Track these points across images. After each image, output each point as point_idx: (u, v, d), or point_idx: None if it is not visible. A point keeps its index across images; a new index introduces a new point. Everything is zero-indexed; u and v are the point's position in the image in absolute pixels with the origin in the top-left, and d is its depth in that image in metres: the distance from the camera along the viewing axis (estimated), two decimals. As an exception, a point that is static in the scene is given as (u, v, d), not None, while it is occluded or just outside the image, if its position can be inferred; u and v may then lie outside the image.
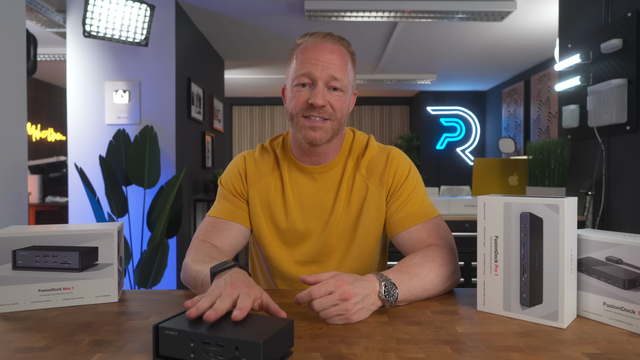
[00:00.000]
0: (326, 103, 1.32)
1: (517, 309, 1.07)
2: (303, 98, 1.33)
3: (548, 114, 7.00)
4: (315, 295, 1.00)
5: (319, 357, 0.85)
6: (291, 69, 1.38)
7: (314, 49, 1.34)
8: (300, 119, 1.34)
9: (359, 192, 1.44)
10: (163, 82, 4.59)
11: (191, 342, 0.78)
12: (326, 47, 1.35)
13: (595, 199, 3.31)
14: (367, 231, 1.44)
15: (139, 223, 4.37)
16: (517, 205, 1.06)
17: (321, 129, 1.34)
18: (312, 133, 1.34)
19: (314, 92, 1.32)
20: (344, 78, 1.35)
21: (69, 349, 0.88)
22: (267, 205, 1.46)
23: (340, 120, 1.38)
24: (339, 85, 1.34)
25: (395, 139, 10.98)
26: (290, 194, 1.45)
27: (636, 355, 0.85)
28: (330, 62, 1.33)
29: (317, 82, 1.32)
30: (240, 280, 0.98)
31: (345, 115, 1.39)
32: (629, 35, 2.95)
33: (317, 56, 1.33)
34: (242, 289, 0.94)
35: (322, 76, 1.32)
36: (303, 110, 1.33)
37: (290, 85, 1.38)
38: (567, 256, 1.01)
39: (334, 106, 1.34)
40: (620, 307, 1.00)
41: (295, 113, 1.35)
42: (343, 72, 1.35)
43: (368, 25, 5.51)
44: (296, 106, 1.34)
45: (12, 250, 1.09)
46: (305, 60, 1.34)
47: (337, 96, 1.35)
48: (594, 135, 3.27)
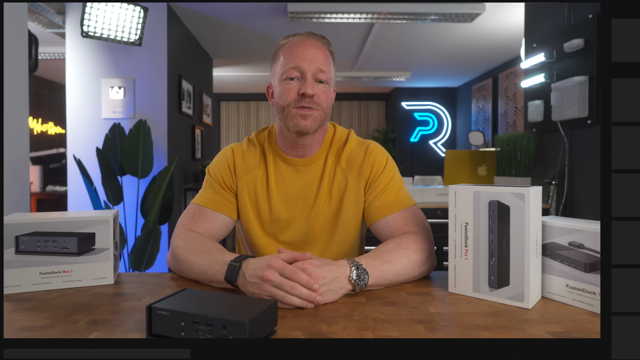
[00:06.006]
0: (315, 93, 1.33)
1: (485, 291, 1.07)
2: (294, 90, 1.34)
3: (514, 109, 7.04)
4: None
5: (301, 335, 0.86)
6: (278, 66, 1.39)
7: (300, 46, 1.36)
8: (291, 110, 1.34)
9: (339, 185, 1.44)
10: (156, 79, 4.61)
11: (182, 321, 0.78)
12: (311, 43, 1.37)
13: (558, 188, 3.34)
14: (347, 221, 1.44)
15: (133, 210, 4.37)
16: (486, 194, 1.07)
17: (311, 117, 1.34)
18: (302, 121, 1.34)
19: (304, 83, 1.33)
20: (329, 71, 1.38)
21: (68, 328, 0.88)
22: (254, 197, 1.45)
23: (326, 111, 1.39)
24: (324, 77, 1.35)
25: (372, 133, 11.00)
26: (275, 186, 1.45)
27: (596, 333, 0.86)
28: (316, 56, 1.35)
29: (306, 74, 1.33)
30: (259, 268, 1.03)
31: (329, 107, 1.40)
32: (589, 35, 2.97)
33: (304, 51, 1.35)
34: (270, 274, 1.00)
35: (310, 69, 1.33)
36: (294, 101, 1.34)
37: (278, 80, 1.38)
38: (532, 241, 1.02)
39: (321, 97, 1.35)
40: (582, 289, 1.01)
41: (287, 104, 1.35)
42: (327, 66, 1.37)
43: (347, 26, 5.51)
44: (287, 98, 1.34)
45: (15, 236, 1.09)
46: (293, 55, 1.35)
47: (323, 88, 1.36)
48: (557, 129, 3.30)
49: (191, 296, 0.87)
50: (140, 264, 3.80)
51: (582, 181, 3.09)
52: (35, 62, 3.25)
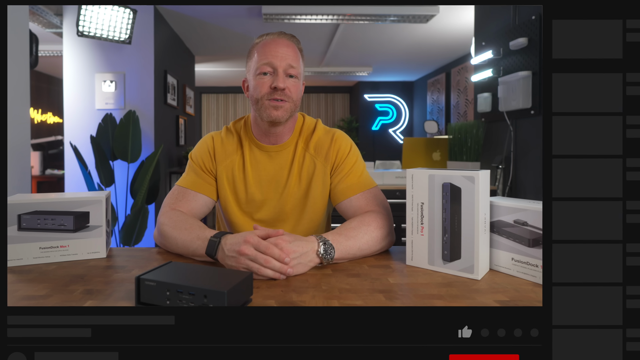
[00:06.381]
0: (286, 86, 1.34)
1: (439, 264, 1.08)
2: (267, 84, 1.34)
3: (465, 101, 7.12)
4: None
5: (274, 303, 0.87)
6: (253, 62, 1.38)
7: (273, 44, 1.36)
8: (265, 101, 1.34)
9: (308, 169, 1.45)
10: (143, 74, 4.65)
11: (167, 291, 0.80)
12: (283, 42, 1.37)
13: (504, 172, 3.39)
14: (315, 201, 1.45)
15: (123, 191, 4.43)
16: (440, 176, 1.07)
17: (282, 108, 1.34)
18: (275, 112, 1.34)
19: (276, 78, 1.33)
20: (298, 67, 1.38)
21: (65, 297, 0.89)
22: (232, 179, 1.46)
23: (296, 103, 1.39)
24: (294, 72, 1.36)
25: (338, 122, 10.99)
26: (250, 170, 1.45)
27: (538, 302, 0.87)
28: (286, 54, 1.35)
29: (278, 69, 1.33)
30: (236, 243, 1.04)
31: (299, 99, 1.41)
32: (533, 34, 3.00)
33: (276, 49, 1.35)
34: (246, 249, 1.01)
35: (282, 65, 1.34)
36: (267, 94, 1.34)
37: (253, 75, 1.38)
38: (481, 219, 1.02)
39: (291, 90, 1.35)
40: (526, 262, 1.02)
41: (261, 97, 1.35)
42: (297, 62, 1.38)
43: (315, 26, 5.52)
44: (261, 91, 1.34)
45: (17, 215, 1.12)
46: (266, 52, 1.35)
47: (293, 82, 1.36)
48: (503, 119, 3.34)
49: (175, 269, 0.89)
50: (129, 240, 3.85)
51: (526, 165, 3.15)
52: (36, 58, 3.26)
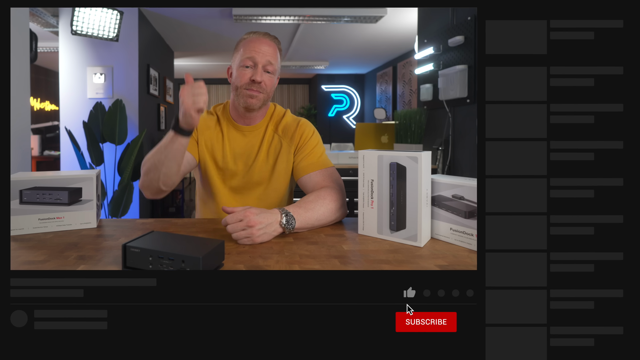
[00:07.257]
0: (262, 80, 1.36)
1: (387, 233, 1.08)
2: (247, 76, 1.37)
3: (410, 91, 7.17)
4: (229, 221, 1.04)
5: (243, 267, 0.88)
6: (238, 55, 1.41)
7: (257, 42, 1.39)
8: (243, 90, 1.38)
9: (275, 147, 1.47)
10: (129, 67, 4.69)
11: (149, 257, 0.83)
12: (265, 41, 1.40)
13: (444, 153, 3.44)
14: (279, 175, 1.47)
15: (111, 170, 4.46)
16: (387, 157, 1.06)
17: (257, 98, 1.38)
18: (250, 100, 1.38)
19: (255, 71, 1.36)
20: (276, 64, 1.41)
21: (61, 262, 0.90)
22: (211, 149, 1.47)
23: (269, 94, 1.42)
24: (271, 69, 1.40)
25: (298, 109, 10.91)
26: (227, 143, 1.47)
27: (474, 266, 0.88)
28: (267, 52, 1.38)
29: (258, 65, 1.37)
30: None
31: (272, 91, 1.44)
32: (469, 33, 3.02)
33: (259, 46, 1.38)
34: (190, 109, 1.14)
35: (262, 61, 1.37)
36: (246, 84, 1.37)
37: (237, 66, 1.41)
38: (423, 194, 1.02)
39: (267, 83, 1.39)
40: (463, 232, 1.03)
41: (240, 86, 1.38)
42: (275, 60, 1.42)
43: (279, 25, 5.54)
44: (241, 81, 1.38)
45: (19, 190, 1.13)
46: (250, 48, 1.38)
47: (269, 77, 1.40)
48: (443, 106, 3.38)
49: (157, 237, 0.90)
50: (117, 212, 3.95)
51: (463, 147, 3.20)
52: (35, 54, 3.19)
